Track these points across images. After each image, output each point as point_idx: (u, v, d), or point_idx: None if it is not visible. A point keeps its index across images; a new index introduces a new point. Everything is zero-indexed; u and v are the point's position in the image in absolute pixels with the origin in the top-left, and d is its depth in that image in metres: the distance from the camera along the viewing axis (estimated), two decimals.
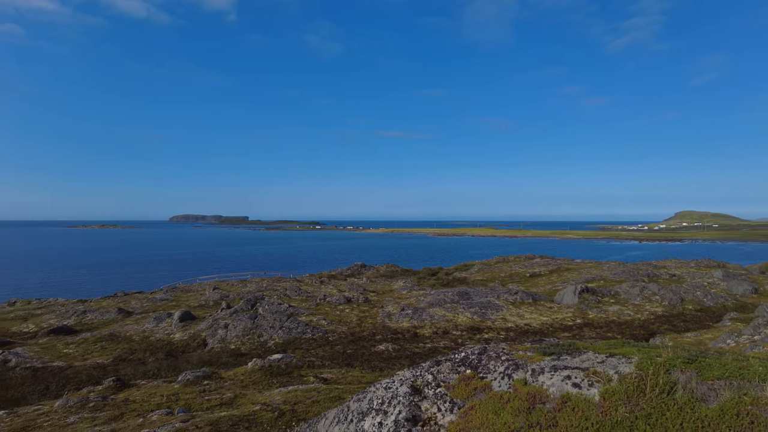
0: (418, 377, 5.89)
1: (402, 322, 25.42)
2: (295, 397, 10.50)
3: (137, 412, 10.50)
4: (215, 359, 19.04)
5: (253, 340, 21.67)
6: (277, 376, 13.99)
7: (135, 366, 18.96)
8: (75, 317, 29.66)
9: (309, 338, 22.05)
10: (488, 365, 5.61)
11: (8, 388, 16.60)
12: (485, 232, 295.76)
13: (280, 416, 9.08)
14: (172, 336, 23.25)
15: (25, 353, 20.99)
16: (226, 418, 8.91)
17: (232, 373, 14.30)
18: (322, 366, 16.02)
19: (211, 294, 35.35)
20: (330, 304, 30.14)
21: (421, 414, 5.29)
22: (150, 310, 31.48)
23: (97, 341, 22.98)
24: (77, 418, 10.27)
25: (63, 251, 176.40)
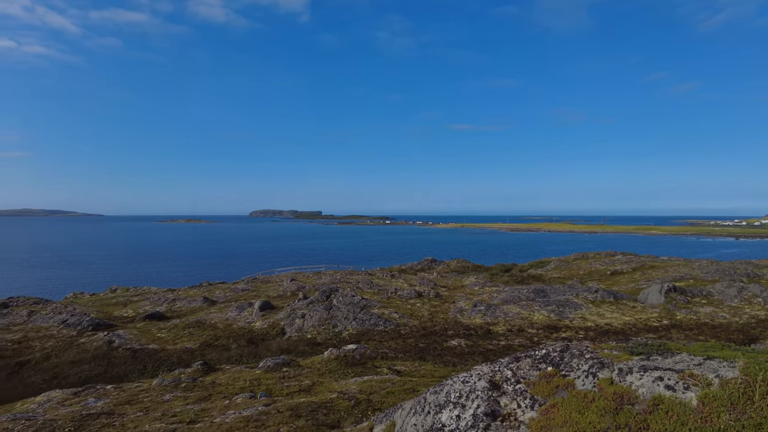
0: (497, 372, 5.81)
1: (474, 318, 25.10)
2: (370, 387, 10.71)
3: (223, 395, 11.19)
4: (293, 347, 19.83)
5: (328, 330, 22.35)
6: (352, 366, 14.33)
7: (219, 351, 20.19)
8: (166, 305, 32.07)
9: (381, 330, 22.37)
10: (571, 363, 5.42)
11: (114, 365, 18.34)
12: (562, 228, 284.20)
13: (356, 405, 9.31)
14: (253, 324, 24.51)
15: (126, 335, 23.02)
16: (305, 404, 9.27)
17: (309, 362, 14.82)
18: (395, 358, 16.21)
19: (289, 285, 36.81)
20: (401, 297, 30.36)
21: (500, 409, 5.21)
22: (232, 299, 33.36)
23: (186, 327, 24.70)
24: (172, 396, 11.13)
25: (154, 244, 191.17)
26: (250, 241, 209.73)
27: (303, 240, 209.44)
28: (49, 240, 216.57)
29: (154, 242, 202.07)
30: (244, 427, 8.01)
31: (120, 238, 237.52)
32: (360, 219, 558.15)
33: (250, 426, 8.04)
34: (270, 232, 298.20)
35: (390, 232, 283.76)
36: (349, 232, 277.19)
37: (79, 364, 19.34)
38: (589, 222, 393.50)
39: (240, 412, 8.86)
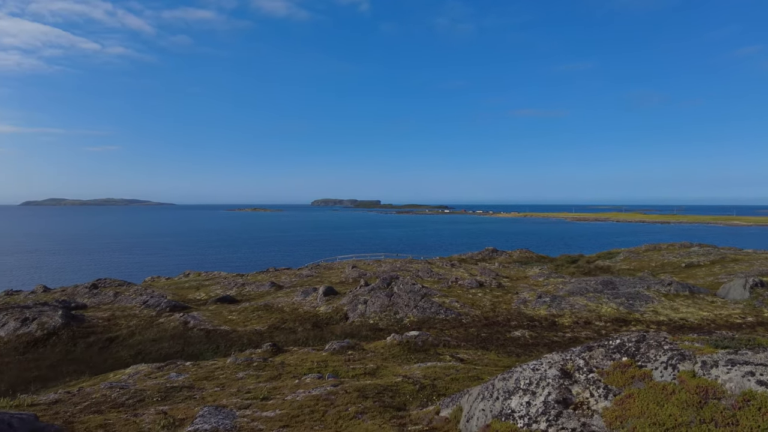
0: (568, 361, 5.72)
1: (539, 309, 24.56)
2: (434, 372, 10.82)
3: (292, 374, 11.69)
4: (356, 332, 20.31)
5: (389, 317, 22.69)
6: (415, 352, 14.50)
7: (287, 334, 21.03)
8: (236, 289, 33.72)
9: (442, 319, 22.41)
10: (648, 354, 5.24)
11: (190, 344, 19.60)
12: (632, 218, 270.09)
13: (421, 389, 9.45)
14: (318, 309, 25.31)
15: (200, 317, 24.48)
16: (371, 386, 9.52)
17: (373, 346, 15.15)
18: (457, 346, 16.23)
19: (350, 272, 37.58)
20: (462, 287, 30.20)
21: (572, 397, 5.15)
22: (297, 284, 34.54)
23: (255, 310, 25.89)
24: (244, 374, 11.77)
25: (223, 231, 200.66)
26: (312, 229, 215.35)
27: (362, 229, 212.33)
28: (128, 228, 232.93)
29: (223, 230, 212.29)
30: (314, 405, 8.36)
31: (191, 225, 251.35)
32: (418, 208, 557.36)
33: (319, 404, 8.38)
34: (330, 220, 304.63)
35: (449, 221, 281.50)
36: (407, 221, 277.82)
37: (159, 342, 20.83)
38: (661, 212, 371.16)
39: (309, 392, 9.24)
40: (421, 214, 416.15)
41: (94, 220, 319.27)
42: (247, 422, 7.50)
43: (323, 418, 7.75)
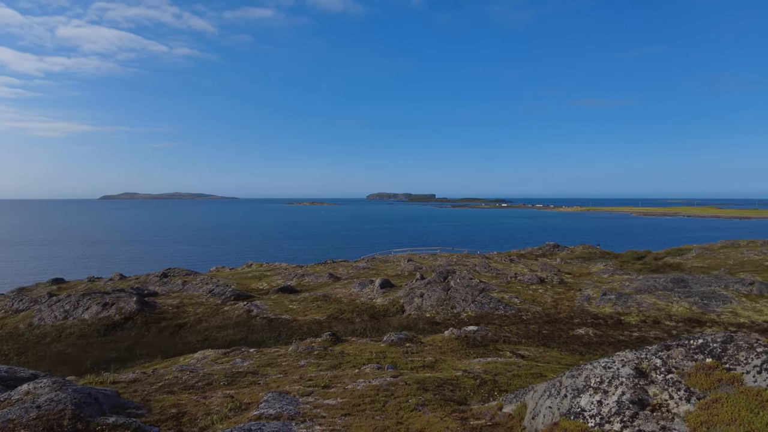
0: (643, 360, 5.40)
1: (603, 307, 23.53)
2: (495, 368, 10.61)
3: (352, 364, 11.83)
4: (413, 325, 20.31)
5: (446, 311, 22.51)
6: (473, 347, 14.29)
7: (345, 324, 21.35)
8: (296, 279, 34.63)
9: (501, 314, 21.96)
10: (737, 356, 4.84)
11: (253, 332, 20.33)
12: (705, 212, 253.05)
13: (481, 384, 9.29)
14: (374, 301, 25.52)
15: (262, 306, 25.33)
16: (431, 379, 9.46)
17: (431, 339, 15.07)
18: (517, 342, 15.85)
19: (406, 265, 37.62)
20: (521, 282, 29.46)
21: (649, 398, 4.85)
22: (354, 276, 34.98)
23: (314, 301, 26.48)
24: (306, 362, 12.04)
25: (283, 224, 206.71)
26: (368, 222, 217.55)
27: (417, 222, 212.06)
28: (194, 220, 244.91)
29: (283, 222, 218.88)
30: (374, 395, 8.41)
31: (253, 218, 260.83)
32: (474, 202, 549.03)
33: (380, 395, 8.42)
34: (385, 214, 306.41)
35: (507, 215, 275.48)
36: (463, 215, 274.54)
37: (224, 329, 21.76)
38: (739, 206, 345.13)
39: (370, 381, 9.31)
40: (477, 208, 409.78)
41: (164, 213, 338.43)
42: (309, 409, 7.65)
43: (384, 409, 7.77)
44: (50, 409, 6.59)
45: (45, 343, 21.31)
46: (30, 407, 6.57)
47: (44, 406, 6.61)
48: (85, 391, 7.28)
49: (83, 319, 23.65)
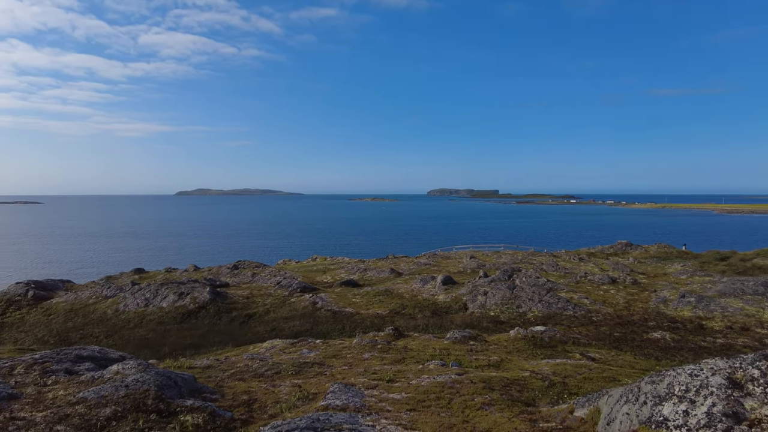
0: (738, 369, 4.96)
1: (682, 310, 22.03)
2: (564, 370, 10.21)
3: (415, 360, 11.81)
4: (476, 323, 19.99)
5: (511, 310, 21.96)
6: (541, 347, 13.85)
7: (407, 319, 21.39)
8: (358, 273, 35.11)
9: (570, 315, 21.13)
10: None
11: (318, 323, 20.83)
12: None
13: (550, 386, 8.97)
14: (436, 297, 25.37)
15: (326, 298, 25.90)
16: (497, 378, 9.26)
17: (495, 338, 14.76)
18: (587, 345, 15.18)
19: (468, 262, 37.10)
20: (591, 282, 28.19)
21: (745, 413, 4.45)
22: (415, 272, 34.96)
23: (376, 295, 26.72)
24: (370, 355, 12.16)
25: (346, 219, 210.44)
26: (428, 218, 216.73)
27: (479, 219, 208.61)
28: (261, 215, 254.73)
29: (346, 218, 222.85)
30: (439, 391, 8.34)
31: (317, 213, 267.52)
32: (540, 198, 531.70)
33: (445, 391, 8.34)
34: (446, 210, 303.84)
35: (575, 212, 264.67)
36: (528, 212, 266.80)
37: (291, 320, 22.46)
38: None
39: (434, 378, 9.25)
40: (543, 204, 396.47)
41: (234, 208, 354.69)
42: (375, 402, 7.71)
43: (449, 406, 7.69)
44: (137, 388, 7.06)
45: (129, 328, 22.96)
46: (119, 386, 7.08)
47: (131, 386, 7.09)
48: (166, 374, 7.75)
49: (162, 307, 25.24)
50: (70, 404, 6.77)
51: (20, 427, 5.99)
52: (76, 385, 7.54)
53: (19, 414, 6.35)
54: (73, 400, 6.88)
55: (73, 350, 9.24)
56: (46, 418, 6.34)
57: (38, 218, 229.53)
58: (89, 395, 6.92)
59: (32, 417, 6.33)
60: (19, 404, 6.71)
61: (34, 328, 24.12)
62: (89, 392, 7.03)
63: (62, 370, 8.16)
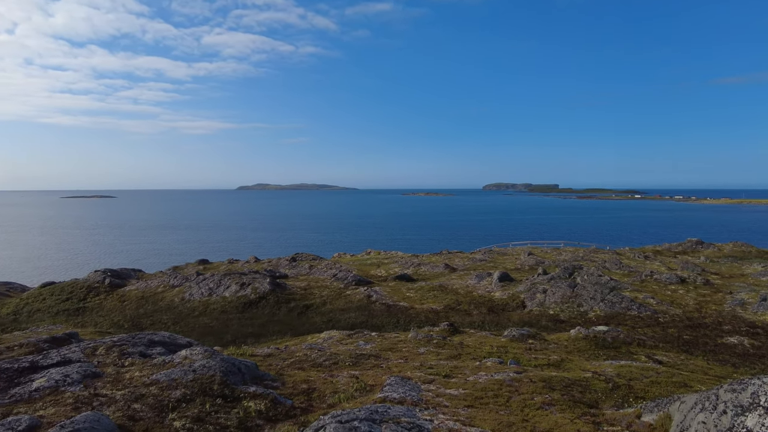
0: None
1: (763, 314, 20.46)
2: (629, 372, 9.75)
3: (472, 356, 11.68)
4: (534, 321, 19.49)
5: (572, 309, 21.23)
6: (603, 348, 13.31)
7: (462, 315, 21.18)
8: (412, 268, 35.12)
9: (634, 315, 20.16)
10: None
11: (373, 316, 21.05)
12: None
13: (614, 388, 8.60)
14: (492, 294, 24.95)
15: (381, 292, 26.10)
16: (557, 378, 8.98)
17: (555, 337, 14.33)
18: (654, 347, 14.44)
19: (526, 259, 36.20)
20: (658, 282, 26.75)
21: None
22: (470, 268, 34.53)
23: (430, 290, 26.63)
24: (425, 350, 12.13)
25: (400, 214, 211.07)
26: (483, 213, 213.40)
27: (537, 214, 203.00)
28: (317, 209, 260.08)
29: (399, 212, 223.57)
30: (497, 389, 8.20)
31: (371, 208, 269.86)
32: (603, 192, 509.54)
33: (503, 389, 8.19)
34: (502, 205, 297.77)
35: (640, 208, 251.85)
36: (589, 208, 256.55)
37: (347, 312, 22.81)
38: None
39: (492, 375, 9.11)
40: (606, 199, 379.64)
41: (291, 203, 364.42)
42: (432, 397, 7.69)
43: (508, 404, 7.54)
44: (203, 373, 7.41)
45: (194, 316, 24.16)
46: (188, 370, 7.45)
47: (199, 371, 7.45)
48: (230, 361, 8.08)
49: (224, 297, 26.36)
50: (144, 385, 7.21)
51: (103, 403, 6.45)
52: (150, 368, 8.01)
53: (102, 391, 6.83)
54: (147, 381, 7.32)
55: (146, 335, 9.83)
56: (125, 396, 6.79)
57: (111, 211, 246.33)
58: (161, 378, 7.34)
59: (113, 395, 6.79)
60: (102, 382, 7.23)
61: (110, 312, 25.90)
62: (161, 375, 7.45)
63: (137, 353, 8.70)
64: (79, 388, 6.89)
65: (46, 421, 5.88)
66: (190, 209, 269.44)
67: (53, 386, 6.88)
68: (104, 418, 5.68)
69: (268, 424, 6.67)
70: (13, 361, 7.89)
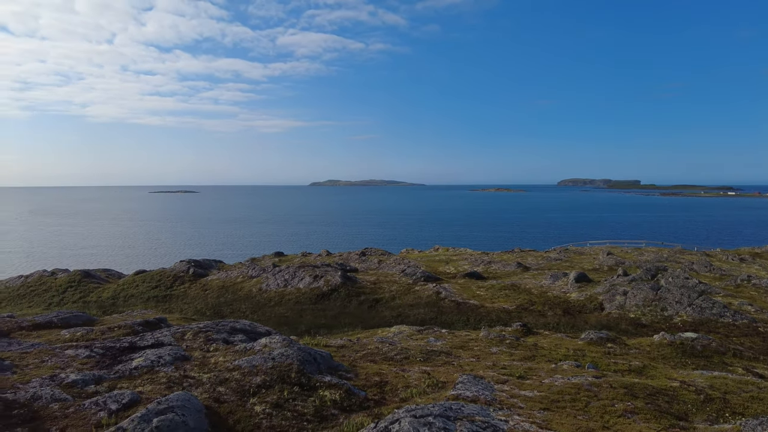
0: None
1: None
2: (724, 385, 9.01)
3: (547, 358, 11.29)
4: (613, 324, 18.51)
5: (654, 313, 19.93)
6: (691, 356, 12.39)
7: (535, 316, 20.54)
8: (482, 266, 34.52)
9: (728, 323, 18.57)
10: None
11: (442, 313, 20.94)
12: None
13: (707, 401, 7.98)
14: (568, 295, 23.97)
15: (450, 289, 25.89)
16: (640, 386, 8.49)
17: (636, 342, 13.54)
18: (753, 359, 13.23)
19: (605, 259, 34.44)
20: (757, 287, 24.47)
21: None
22: (545, 267, 33.37)
23: (502, 289, 26.04)
24: (497, 350, 11.90)
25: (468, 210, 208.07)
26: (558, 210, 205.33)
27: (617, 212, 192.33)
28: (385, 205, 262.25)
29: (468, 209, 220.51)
30: (575, 393, 7.89)
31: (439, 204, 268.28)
32: (690, 189, 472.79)
33: (581, 394, 7.87)
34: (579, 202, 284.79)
35: (734, 206, 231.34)
36: (675, 205, 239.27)
37: (416, 307, 22.86)
38: None
39: (569, 379, 8.77)
40: (694, 196, 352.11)
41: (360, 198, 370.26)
42: (506, 397, 7.54)
43: (586, 409, 7.23)
44: (282, 361, 7.73)
45: (270, 306, 25.24)
46: (267, 358, 7.80)
47: (277, 359, 7.78)
48: (306, 350, 8.37)
49: (299, 288, 27.32)
50: (228, 370, 7.64)
51: (192, 384, 6.91)
52: (232, 354, 8.48)
53: (190, 373, 7.32)
54: (230, 366, 7.75)
55: (229, 323, 10.40)
56: (210, 379, 7.24)
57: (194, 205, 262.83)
58: (243, 363, 7.74)
59: (200, 377, 7.26)
60: (190, 365, 7.75)
61: (194, 300, 27.67)
62: (243, 361, 7.86)
63: (221, 339, 9.24)
64: (171, 369, 7.43)
65: (144, 397, 6.41)
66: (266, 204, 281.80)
67: (149, 366, 7.47)
68: (193, 399, 6.08)
69: (343, 414, 6.84)
70: (115, 340, 8.66)
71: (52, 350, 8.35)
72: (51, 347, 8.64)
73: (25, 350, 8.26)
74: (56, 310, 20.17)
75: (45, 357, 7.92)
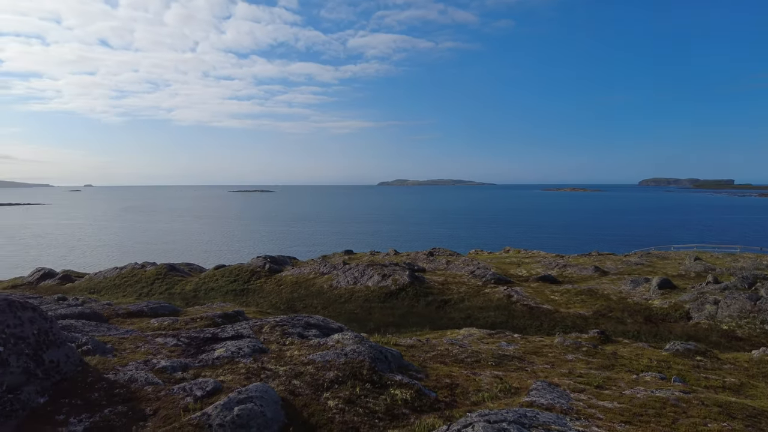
0: None
1: None
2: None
3: (627, 368, 10.68)
4: (702, 336, 17.16)
5: (753, 325, 18.22)
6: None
7: (614, 323, 19.48)
8: (557, 269, 33.23)
9: None
10: None
11: (513, 317, 20.41)
12: None
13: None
14: (650, 302, 22.51)
15: (522, 292, 25.16)
16: (737, 405, 7.79)
17: (731, 357, 12.47)
18: None
19: (692, 265, 32.00)
20: None
21: None
22: (624, 272, 31.57)
23: (578, 294, 24.94)
24: (573, 357, 11.41)
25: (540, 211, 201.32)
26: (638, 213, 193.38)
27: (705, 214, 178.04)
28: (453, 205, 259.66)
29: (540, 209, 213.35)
30: (660, 407, 7.39)
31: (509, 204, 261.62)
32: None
33: (667, 409, 7.36)
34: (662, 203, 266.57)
35: None
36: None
37: (485, 310, 22.44)
38: None
39: (652, 392, 8.24)
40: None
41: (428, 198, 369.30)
42: (583, 407, 7.20)
43: (674, 426, 6.74)
44: (354, 358, 7.87)
45: (340, 302, 25.80)
46: (340, 353, 7.98)
47: (350, 355, 7.93)
48: (377, 348, 8.46)
49: (367, 286, 27.70)
50: (302, 363, 7.89)
51: (269, 376, 7.22)
52: (307, 348, 8.75)
53: (268, 365, 7.64)
54: (305, 360, 8.00)
55: (303, 318, 10.74)
56: (286, 372, 7.51)
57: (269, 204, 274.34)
58: (317, 358, 7.96)
59: (276, 370, 7.56)
60: (267, 357, 8.09)
61: (269, 295, 28.88)
62: (316, 356, 8.08)
63: (296, 333, 9.56)
64: (250, 361, 7.79)
65: (225, 386, 6.77)
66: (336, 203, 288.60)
67: (230, 357, 7.88)
68: (271, 390, 6.34)
69: (414, 414, 6.85)
70: (199, 331, 9.23)
71: (144, 337, 9.04)
72: (143, 334, 9.36)
73: (122, 336, 9.00)
74: (146, 300, 21.85)
75: (138, 343, 8.59)
